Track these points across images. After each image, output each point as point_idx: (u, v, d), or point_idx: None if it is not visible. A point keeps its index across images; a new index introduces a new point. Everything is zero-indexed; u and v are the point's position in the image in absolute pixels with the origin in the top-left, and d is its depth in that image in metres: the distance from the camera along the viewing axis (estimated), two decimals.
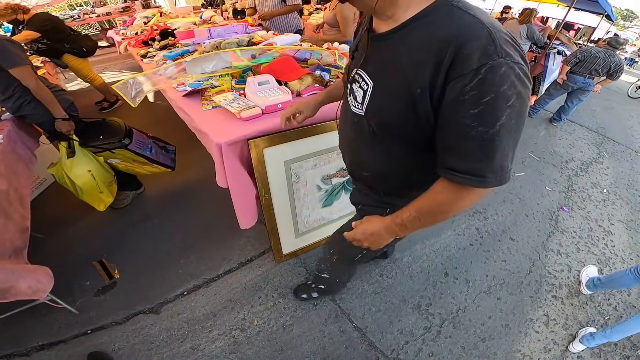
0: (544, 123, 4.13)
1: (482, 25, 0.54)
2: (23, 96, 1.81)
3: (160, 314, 1.70)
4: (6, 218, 1.20)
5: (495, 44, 0.53)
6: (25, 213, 1.38)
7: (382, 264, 1.99)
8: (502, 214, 2.46)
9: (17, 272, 1.12)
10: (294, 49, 1.87)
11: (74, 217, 2.29)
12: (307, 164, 1.60)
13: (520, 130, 0.60)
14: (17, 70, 1.69)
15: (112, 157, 2.02)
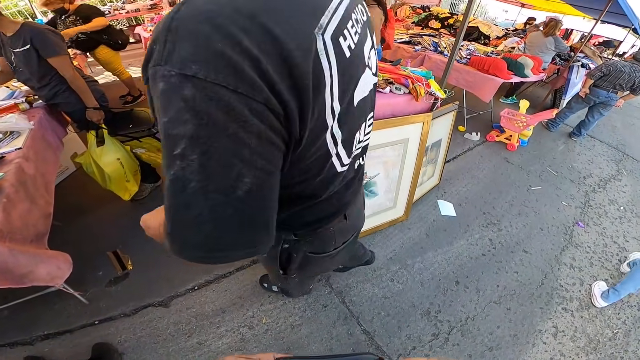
0: (563, 137, 4.06)
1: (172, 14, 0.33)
2: (58, 85, 1.82)
3: (170, 308, 1.69)
4: (32, 203, 1.21)
5: (165, 45, 0.32)
6: (50, 199, 1.39)
7: (393, 269, 1.97)
8: (516, 226, 2.44)
9: (38, 257, 1.12)
10: None
11: (92, 207, 2.29)
12: None
13: (214, 191, 0.35)
14: (56, 60, 1.70)
15: (138, 146, 2.04)
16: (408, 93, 1.84)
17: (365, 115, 0.57)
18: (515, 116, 3.32)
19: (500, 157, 3.32)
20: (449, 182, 2.79)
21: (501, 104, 4.59)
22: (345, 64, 0.43)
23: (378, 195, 1.94)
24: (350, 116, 0.49)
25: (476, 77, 3.30)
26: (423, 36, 4.11)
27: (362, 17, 0.53)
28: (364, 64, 0.50)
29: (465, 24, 2.00)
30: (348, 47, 0.44)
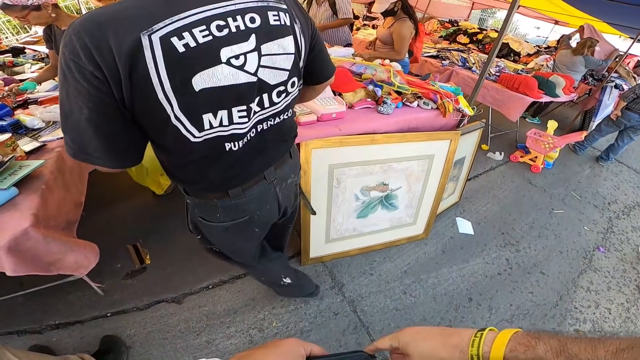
0: (590, 161, 3.91)
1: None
2: None
3: (182, 305, 1.70)
4: (66, 191, 1.25)
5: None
6: (83, 189, 1.42)
7: (406, 283, 1.94)
8: (535, 248, 2.38)
9: (68, 244, 1.13)
10: (350, 62, 1.87)
11: (117, 199, 2.34)
12: (349, 171, 1.60)
13: (67, 117, 0.60)
14: None
15: None
16: (436, 108, 1.83)
17: (240, 97, 0.69)
18: (542, 137, 3.22)
19: (523, 178, 3.23)
20: (468, 200, 2.74)
21: (527, 124, 4.46)
22: (182, 57, 0.58)
23: (398, 209, 1.92)
24: (194, 100, 0.63)
25: (504, 95, 3.22)
26: (451, 51, 4.05)
27: (252, 24, 0.66)
28: (217, 60, 0.63)
29: (500, 41, 1.96)
30: (185, 45, 0.58)
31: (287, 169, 0.98)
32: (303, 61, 0.81)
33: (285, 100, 0.80)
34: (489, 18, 12.87)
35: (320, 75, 0.93)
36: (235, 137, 0.74)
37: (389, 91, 1.82)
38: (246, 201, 0.90)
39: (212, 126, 0.69)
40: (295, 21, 0.74)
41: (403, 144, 1.66)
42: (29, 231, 0.99)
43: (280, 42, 0.71)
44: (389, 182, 1.77)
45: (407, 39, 2.56)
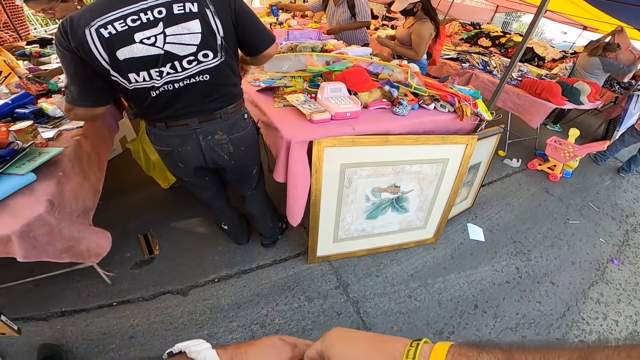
0: (611, 172, 3.73)
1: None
2: None
3: (187, 297, 1.70)
4: (84, 178, 1.26)
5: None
6: (101, 176, 1.44)
7: (412, 286, 1.90)
8: (547, 257, 2.28)
9: (82, 231, 1.14)
10: (367, 62, 1.82)
11: (130, 189, 2.37)
12: (361, 171, 1.56)
13: (67, 69, 0.99)
14: None
15: None
16: (453, 112, 1.76)
17: (151, 63, 1.00)
18: (563, 145, 3.08)
19: (539, 186, 3.10)
20: (481, 206, 2.64)
21: (548, 131, 4.27)
22: (108, 40, 0.93)
23: (408, 212, 1.86)
24: (119, 65, 0.98)
25: (526, 101, 3.07)
26: (472, 54, 3.90)
27: (160, 15, 0.96)
28: (132, 41, 0.95)
29: (525, 45, 1.87)
30: (108, 33, 0.93)
31: (214, 126, 1.22)
32: (222, 38, 1.05)
33: (196, 67, 1.06)
34: (513, 22, 12.40)
35: (252, 47, 1.19)
36: (154, 88, 1.06)
37: (406, 92, 1.76)
38: (167, 135, 1.22)
39: (136, 81, 1.03)
40: (206, 8, 0.99)
41: (417, 146, 1.61)
42: (43, 217, 1.00)
43: (184, 25, 0.98)
44: (401, 185, 1.72)
45: (425, 40, 2.48)
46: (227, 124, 1.25)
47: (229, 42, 1.08)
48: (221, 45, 1.06)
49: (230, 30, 1.07)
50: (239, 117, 1.28)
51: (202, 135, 1.23)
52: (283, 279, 1.84)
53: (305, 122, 1.41)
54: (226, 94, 1.20)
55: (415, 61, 2.46)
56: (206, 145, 1.25)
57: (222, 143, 1.27)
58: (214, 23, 1.01)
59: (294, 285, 1.81)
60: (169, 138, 1.23)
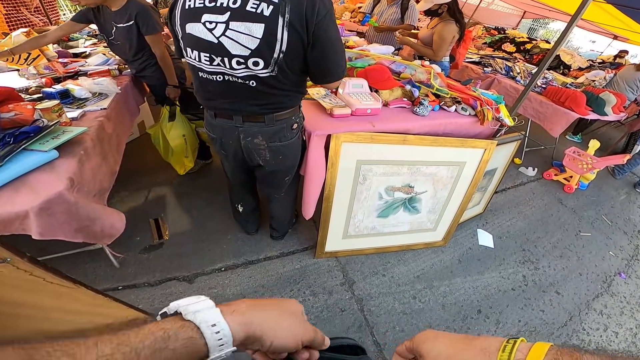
0: (627, 187, 3.59)
1: None
2: (148, 60, 1.88)
3: (193, 284, 1.68)
4: (103, 159, 1.27)
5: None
6: (118, 158, 1.45)
7: (417, 288, 1.87)
8: (554, 267, 2.22)
9: (97, 211, 1.13)
10: (390, 60, 1.78)
11: (145, 173, 2.36)
12: (377, 169, 1.52)
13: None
14: (153, 37, 1.74)
15: (202, 126, 2.08)
16: (474, 115, 1.71)
17: (204, 48, 0.99)
18: (582, 156, 2.97)
19: (554, 197, 3.00)
20: (493, 213, 2.57)
21: (566, 141, 4.12)
22: (185, 11, 0.97)
23: (420, 213, 1.82)
24: (184, 37, 1.02)
25: (549, 109, 2.95)
26: (495, 58, 3.76)
27: (233, 5, 0.91)
28: (198, 19, 0.95)
29: (554, 53, 1.80)
30: (188, 5, 0.96)
31: (255, 129, 1.19)
32: (281, 52, 0.96)
33: (244, 71, 1.01)
34: (539, 28, 11.98)
35: (314, 75, 1.09)
36: (203, 71, 1.06)
37: (427, 93, 1.71)
38: (215, 124, 1.24)
39: (189, 56, 1.05)
40: (280, 16, 0.90)
41: (435, 147, 1.56)
42: (63, 194, 1.00)
43: (247, 25, 0.91)
44: (415, 185, 1.68)
45: (447, 42, 2.41)
46: (270, 130, 1.20)
47: (289, 59, 0.99)
48: (276, 60, 0.97)
49: (297, 49, 0.97)
50: (285, 126, 1.22)
51: (243, 135, 1.21)
52: (289, 272, 1.82)
53: (325, 115, 1.39)
54: (273, 102, 1.13)
55: (437, 62, 2.40)
56: (245, 144, 1.24)
57: (259, 148, 1.25)
58: (279, 35, 0.92)
59: (299, 278, 1.79)
60: (215, 127, 1.25)
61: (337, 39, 1.00)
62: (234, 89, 1.06)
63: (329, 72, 1.07)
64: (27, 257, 0.46)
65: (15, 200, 0.96)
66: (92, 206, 1.11)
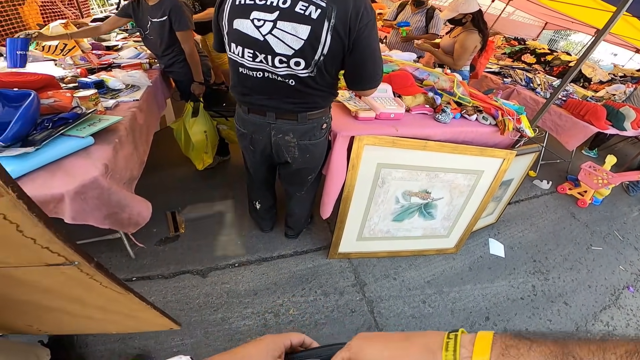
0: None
1: None
2: (177, 56, 1.92)
3: (206, 279, 1.68)
4: (135, 148, 1.31)
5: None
6: (147, 149, 1.49)
7: (427, 293, 1.87)
8: (564, 279, 2.20)
9: (127, 199, 1.16)
10: (414, 67, 1.79)
11: (164, 166, 2.39)
12: (396, 173, 1.53)
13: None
14: (183, 33, 1.78)
15: (224, 123, 2.12)
16: (494, 125, 1.71)
17: (249, 44, 1.02)
18: (597, 171, 2.93)
19: (566, 210, 2.96)
20: (505, 224, 2.55)
21: (582, 156, 4.05)
22: (235, 7, 0.99)
23: (435, 219, 1.82)
24: (230, 32, 1.04)
25: (567, 122, 2.91)
26: (516, 69, 3.70)
27: (283, 5, 0.94)
28: (247, 16, 0.98)
29: (579, 67, 1.78)
30: (239, 1, 0.98)
31: (288, 126, 1.21)
32: (322, 55, 0.99)
33: (285, 70, 1.03)
34: (560, 40, 11.79)
35: (350, 80, 1.12)
36: (244, 67, 1.09)
37: (449, 100, 1.72)
38: (247, 119, 1.26)
39: (233, 51, 1.07)
40: (326, 20, 0.92)
41: (454, 155, 1.56)
42: (98, 179, 1.02)
43: (294, 26, 0.94)
44: (432, 191, 1.68)
45: (468, 51, 2.40)
46: (302, 128, 1.23)
47: (328, 62, 1.02)
48: (316, 61, 1.00)
49: (337, 54, 1.00)
50: (316, 126, 1.25)
51: (275, 131, 1.24)
52: (302, 271, 1.83)
53: (350, 118, 1.41)
54: (309, 102, 1.16)
55: (456, 71, 2.39)
56: (275, 141, 1.27)
57: (289, 145, 1.27)
58: (323, 38, 0.95)
59: (312, 278, 1.80)
60: (247, 122, 1.27)
61: (376, 47, 1.03)
62: (273, 86, 1.09)
63: (365, 79, 1.09)
64: (94, 263, 0.49)
65: (51, 184, 0.98)
66: (123, 193, 1.14)
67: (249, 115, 1.24)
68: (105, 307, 0.71)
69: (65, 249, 0.45)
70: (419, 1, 2.96)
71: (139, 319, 0.82)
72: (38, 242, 0.42)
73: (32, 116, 1.04)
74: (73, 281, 0.54)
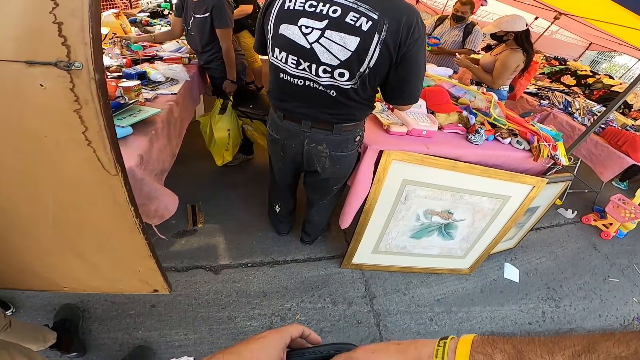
0: None
1: None
2: (215, 53, 1.92)
3: (218, 276, 1.68)
4: (168, 141, 1.32)
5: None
6: (179, 142, 1.50)
7: (435, 311, 1.83)
8: (576, 307, 2.12)
9: (157, 191, 1.16)
10: (450, 84, 1.72)
11: (189, 160, 2.36)
12: (420, 191, 1.49)
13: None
14: (223, 31, 1.77)
15: (248, 124, 2.13)
16: (528, 150, 1.64)
17: (294, 51, 0.99)
18: (626, 204, 2.78)
19: (588, 241, 2.82)
20: (523, 249, 2.45)
21: (612, 187, 3.84)
22: (283, 11, 0.96)
23: (453, 240, 1.76)
24: (275, 36, 1.01)
25: (603, 151, 2.75)
26: (555, 91, 3.50)
27: (332, 14, 0.91)
28: (295, 22, 0.94)
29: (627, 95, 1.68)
30: (287, 7, 0.94)
31: (321, 136, 1.19)
32: (368, 68, 0.96)
33: (328, 80, 1.01)
34: (603, 61, 11.13)
35: (389, 94, 1.09)
36: (286, 73, 1.06)
37: (483, 121, 1.65)
38: (281, 125, 1.23)
39: (276, 57, 1.04)
40: (377, 33, 0.89)
41: (483, 178, 1.51)
42: (133, 169, 1.03)
43: (343, 36, 0.91)
44: (455, 212, 1.63)
45: (509, 70, 2.28)
46: (336, 140, 1.21)
47: (373, 76, 0.99)
48: (362, 73, 0.97)
49: (383, 67, 0.97)
50: (350, 138, 1.23)
51: (308, 140, 1.22)
52: (313, 277, 1.82)
53: (381, 131, 1.37)
54: (347, 113, 1.14)
55: (494, 91, 2.30)
56: (307, 150, 1.25)
57: (321, 155, 1.25)
58: (372, 50, 0.92)
59: (322, 285, 1.79)
60: (281, 128, 1.25)
61: (422, 63, 0.99)
62: (313, 95, 1.07)
63: (406, 94, 1.06)
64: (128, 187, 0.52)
65: None
66: (154, 185, 1.15)
67: (284, 122, 1.22)
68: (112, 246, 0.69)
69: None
70: (458, 17, 2.84)
71: (130, 271, 0.80)
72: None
73: None
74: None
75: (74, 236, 0.73)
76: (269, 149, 1.46)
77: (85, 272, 0.91)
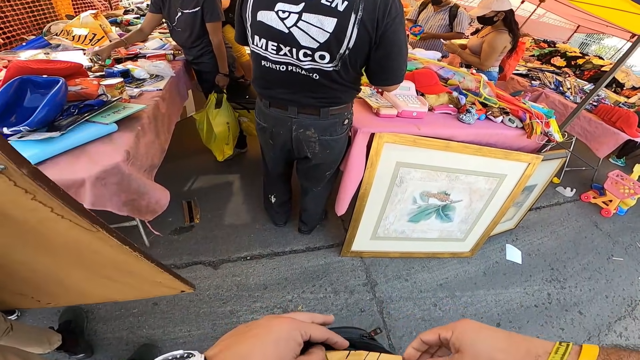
0: None
1: None
2: (205, 47, 1.88)
3: (217, 270, 1.67)
4: (156, 136, 1.30)
5: None
6: (168, 137, 1.48)
7: (439, 296, 1.80)
8: (581, 288, 2.09)
9: (147, 186, 1.15)
10: (438, 66, 1.71)
11: (183, 156, 2.39)
12: (415, 173, 1.47)
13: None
14: (214, 25, 1.74)
15: (246, 116, 2.11)
16: (521, 128, 1.62)
17: (273, 37, 0.98)
18: (625, 181, 2.76)
19: (589, 220, 2.80)
20: (524, 230, 2.43)
21: (609, 164, 3.83)
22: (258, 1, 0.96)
23: (452, 222, 1.74)
24: (253, 23, 1.00)
25: (598, 128, 2.73)
26: (545, 72, 3.50)
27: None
28: (272, 8, 0.94)
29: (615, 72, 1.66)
30: None
31: (309, 121, 1.18)
32: (347, 49, 0.95)
33: (310, 63, 1.00)
34: (592, 44, 11.19)
35: (373, 76, 1.08)
36: (267, 60, 1.05)
37: (473, 101, 1.63)
38: (268, 113, 1.23)
39: (256, 44, 1.04)
40: (353, 13, 0.89)
41: (477, 157, 1.47)
42: (119, 165, 1.02)
43: (320, 18, 0.90)
44: (451, 193, 1.61)
45: (496, 51, 2.27)
46: (324, 124, 1.20)
47: (353, 56, 0.98)
48: (341, 55, 0.97)
49: (363, 48, 0.97)
50: (337, 121, 1.22)
51: (296, 126, 1.21)
52: (313, 267, 1.80)
53: (371, 114, 1.35)
54: (332, 97, 1.13)
55: (484, 72, 2.28)
56: (296, 136, 1.24)
57: (310, 140, 1.24)
58: (349, 31, 0.92)
59: (323, 275, 1.77)
60: (268, 116, 1.25)
61: (403, 42, 0.98)
62: (296, 80, 1.06)
63: (389, 75, 1.06)
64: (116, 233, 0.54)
65: (74, 168, 0.99)
66: (142, 180, 1.13)
67: (270, 109, 1.21)
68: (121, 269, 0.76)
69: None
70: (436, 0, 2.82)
71: (153, 282, 0.84)
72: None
73: (60, 102, 1.05)
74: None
75: (98, 269, 0.80)
76: (259, 139, 1.45)
77: (117, 289, 0.94)
